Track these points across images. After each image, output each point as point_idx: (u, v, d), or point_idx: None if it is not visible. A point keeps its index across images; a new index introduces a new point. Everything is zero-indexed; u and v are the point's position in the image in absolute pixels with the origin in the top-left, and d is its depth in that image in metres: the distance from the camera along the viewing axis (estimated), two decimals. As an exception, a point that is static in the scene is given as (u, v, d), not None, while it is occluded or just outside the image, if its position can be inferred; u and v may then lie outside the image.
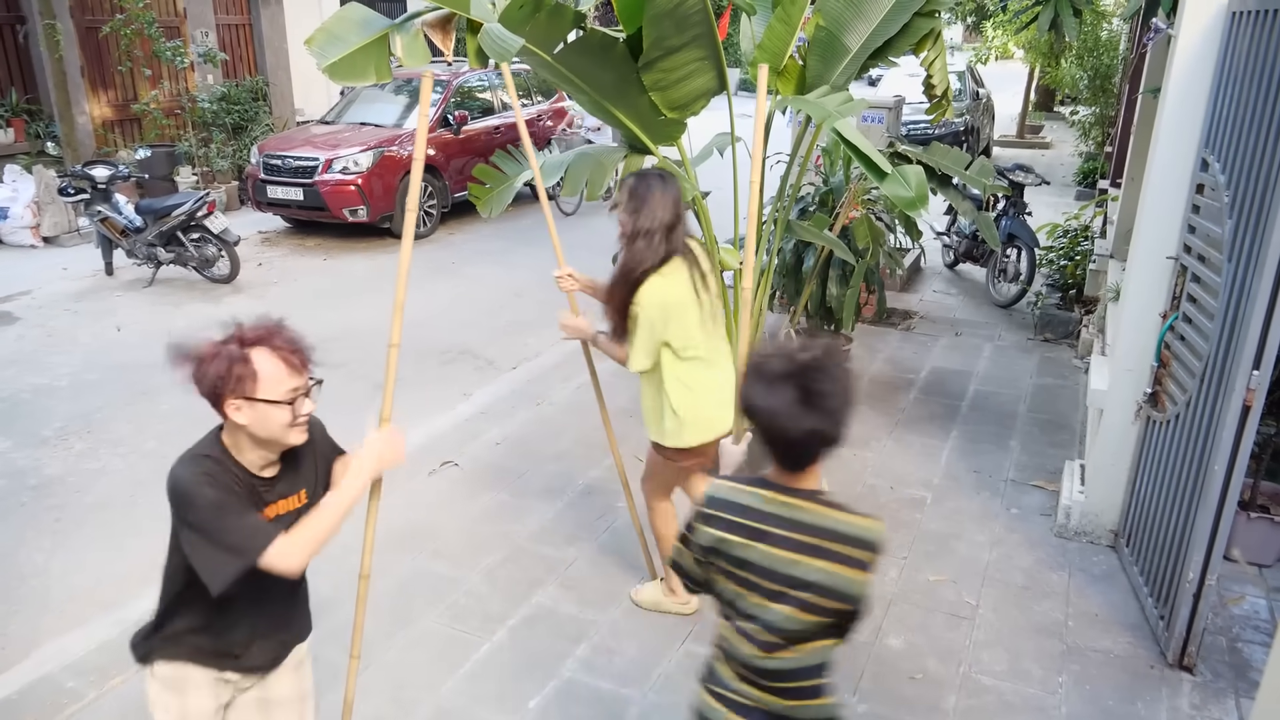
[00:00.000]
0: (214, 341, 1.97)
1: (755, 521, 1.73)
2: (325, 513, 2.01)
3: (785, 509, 1.72)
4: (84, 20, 10.28)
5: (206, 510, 1.92)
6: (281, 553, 1.92)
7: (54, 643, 3.34)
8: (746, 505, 1.76)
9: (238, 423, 1.93)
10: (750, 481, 1.80)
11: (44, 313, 7.12)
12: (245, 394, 1.90)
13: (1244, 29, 3.05)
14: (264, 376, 1.91)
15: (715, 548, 1.78)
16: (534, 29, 3.46)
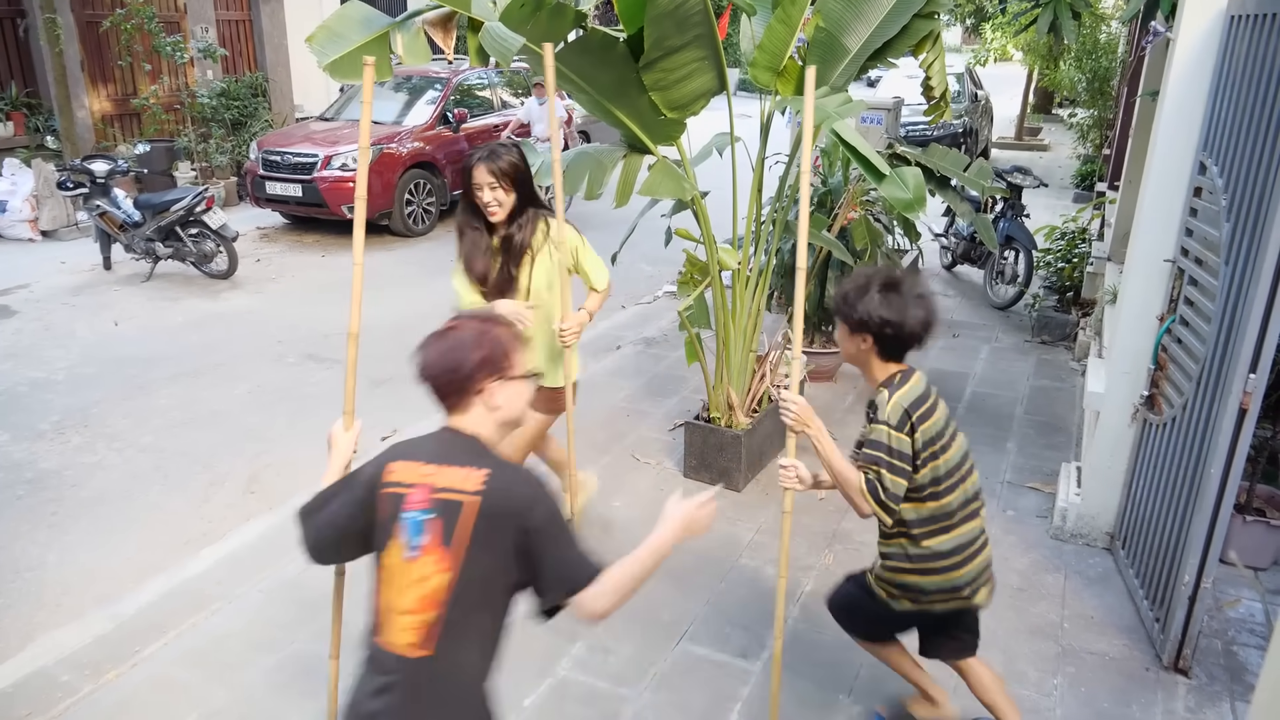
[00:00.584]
0: (456, 328, 1.82)
1: (929, 400, 2.41)
2: (639, 566, 1.79)
3: (926, 380, 2.45)
4: (84, 15, 10.27)
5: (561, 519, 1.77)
6: (599, 594, 1.76)
7: (49, 636, 3.34)
8: (921, 394, 2.40)
9: (493, 405, 1.79)
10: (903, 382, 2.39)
11: (42, 306, 7.11)
12: (506, 373, 1.79)
13: (1243, 32, 3.05)
14: (517, 354, 1.83)
15: (934, 435, 2.37)
16: (535, 28, 3.46)
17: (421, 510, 1.73)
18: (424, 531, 1.72)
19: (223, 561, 3.76)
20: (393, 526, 1.74)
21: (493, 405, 1.80)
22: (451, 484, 1.73)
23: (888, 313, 2.30)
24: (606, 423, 5.11)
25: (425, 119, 9.81)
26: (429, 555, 1.71)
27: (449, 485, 1.73)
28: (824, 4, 3.93)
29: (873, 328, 2.33)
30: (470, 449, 1.79)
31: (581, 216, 10.31)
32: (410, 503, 1.74)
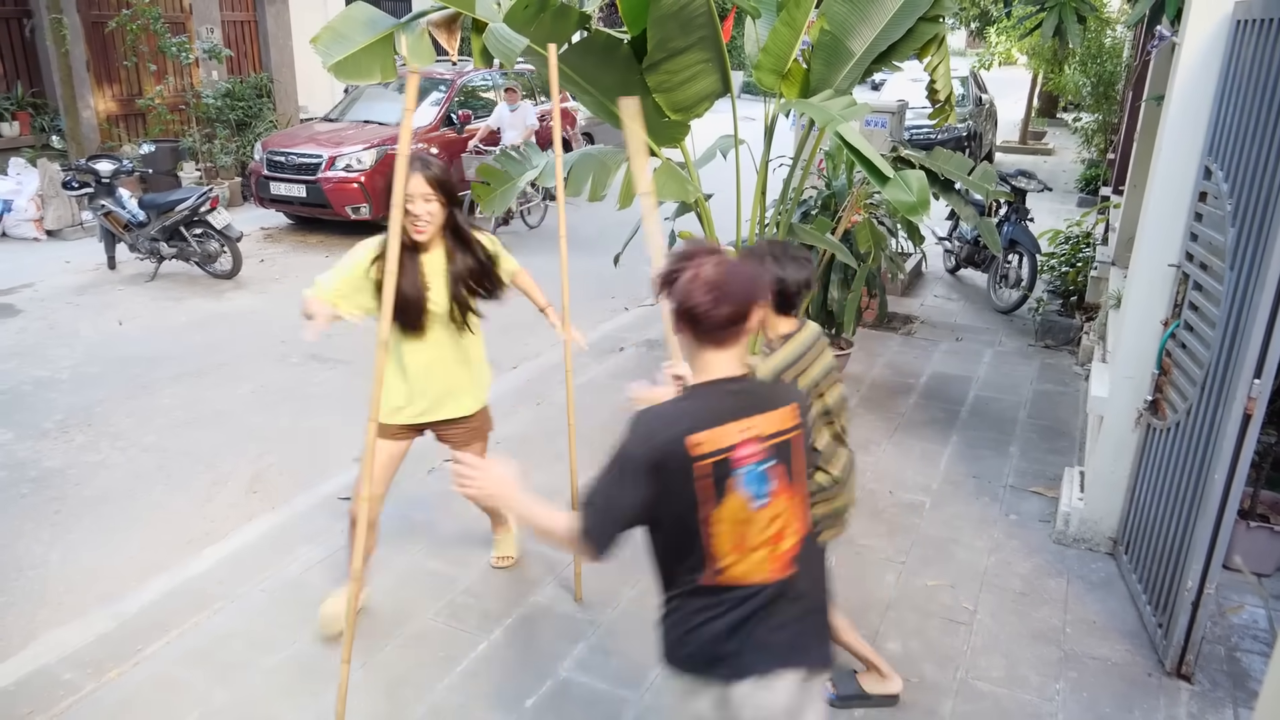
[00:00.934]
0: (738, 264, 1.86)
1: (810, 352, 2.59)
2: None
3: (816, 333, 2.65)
4: (90, 15, 10.30)
5: None
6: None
7: (51, 634, 3.34)
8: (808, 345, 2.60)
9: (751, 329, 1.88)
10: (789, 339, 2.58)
11: (46, 306, 7.13)
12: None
13: (1248, 37, 3.05)
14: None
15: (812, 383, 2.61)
16: (539, 29, 3.47)
17: (759, 461, 1.82)
18: (770, 479, 1.83)
19: (225, 561, 3.76)
20: (724, 486, 1.80)
21: (751, 329, 1.87)
22: (779, 428, 1.86)
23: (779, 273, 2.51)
24: (608, 425, 5.10)
25: (429, 120, 9.82)
26: (779, 497, 1.85)
27: (777, 429, 1.86)
28: (828, 7, 3.94)
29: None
30: (763, 389, 1.96)
31: (585, 217, 10.32)
32: (741, 459, 1.80)
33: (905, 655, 3.26)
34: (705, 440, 1.78)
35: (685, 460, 1.77)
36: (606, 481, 1.82)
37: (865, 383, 5.71)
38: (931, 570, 3.75)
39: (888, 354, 6.25)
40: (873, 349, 6.29)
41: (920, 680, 3.14)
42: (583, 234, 9.74)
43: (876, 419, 5.21)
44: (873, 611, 3.46)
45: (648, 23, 3.57)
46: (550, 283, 3.49)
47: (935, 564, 3.80)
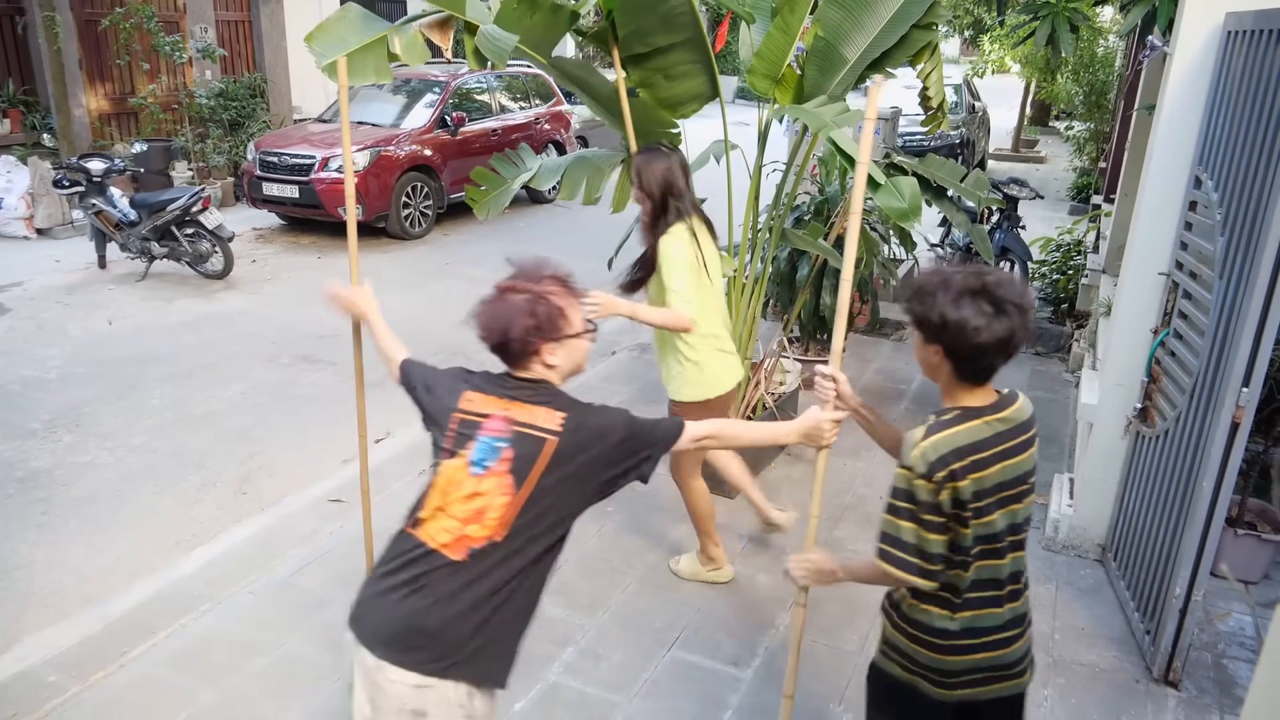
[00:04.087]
0: (505, 294, 1.93)
1: (994, 447, 1.90)
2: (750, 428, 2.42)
3: (1004, 424, 1.94)
4: (83, 13, 10.26)
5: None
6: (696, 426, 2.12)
7: (36, 636, 3.32)
8: (981, 439, 1.90)
9: (549, 365, 1.94)
10: (957, 421, 1.93)
11: (35, 304, 7.09)
12: (561, 334, 1.93)
13: (1239, 48, 3.07)
14: (570, 312, 1.95)
15: (972, 494, 1.87)
16: (530, 29, 3.47)
17: (497, 437, 1.88)
18: (496, 455, 1.86)
19: (213, 563, 3.74)
20: (464, 444, 1.89)
21: (549, 364, 1.95)
22: (531, 420, 1.89)
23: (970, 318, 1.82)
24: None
25: (423, 122, 9.81)
26: (493, 478, 1.85)
27: (528, 421, 1.89)
28: (823, 13, 3.95)
29: (939, 333, 1.88)
30: (547, 393, 1.95)
31: (577, 221, 10.30)
32: (487, 429, 1.89)
33: (894, 661, 3.26)
34: (474, 401, 1.94)
35: (451, 407, 1.95)
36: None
37: (857, 389, 5.68)
38: (921, 576, 3.76)
39: (879, 360, 6.26)
40: (864, 355, 6.30)
41: (909, 686, 3.14)
42: (576, 237, 9.74)
43: (868, 424, 5.22)
44: (863, 616, 3.47)
45: (615, 6, 3.55)
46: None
47: (925, 570, 3.80)
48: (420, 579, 1.84)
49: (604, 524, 4.11)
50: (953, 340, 1.87)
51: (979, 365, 1.91)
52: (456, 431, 1.91)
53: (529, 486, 1.85)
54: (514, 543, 1.85)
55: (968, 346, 1.85)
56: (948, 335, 1.87)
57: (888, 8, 3.93)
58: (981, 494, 1.88)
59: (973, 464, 1.87)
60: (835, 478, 4.54)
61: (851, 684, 3.14)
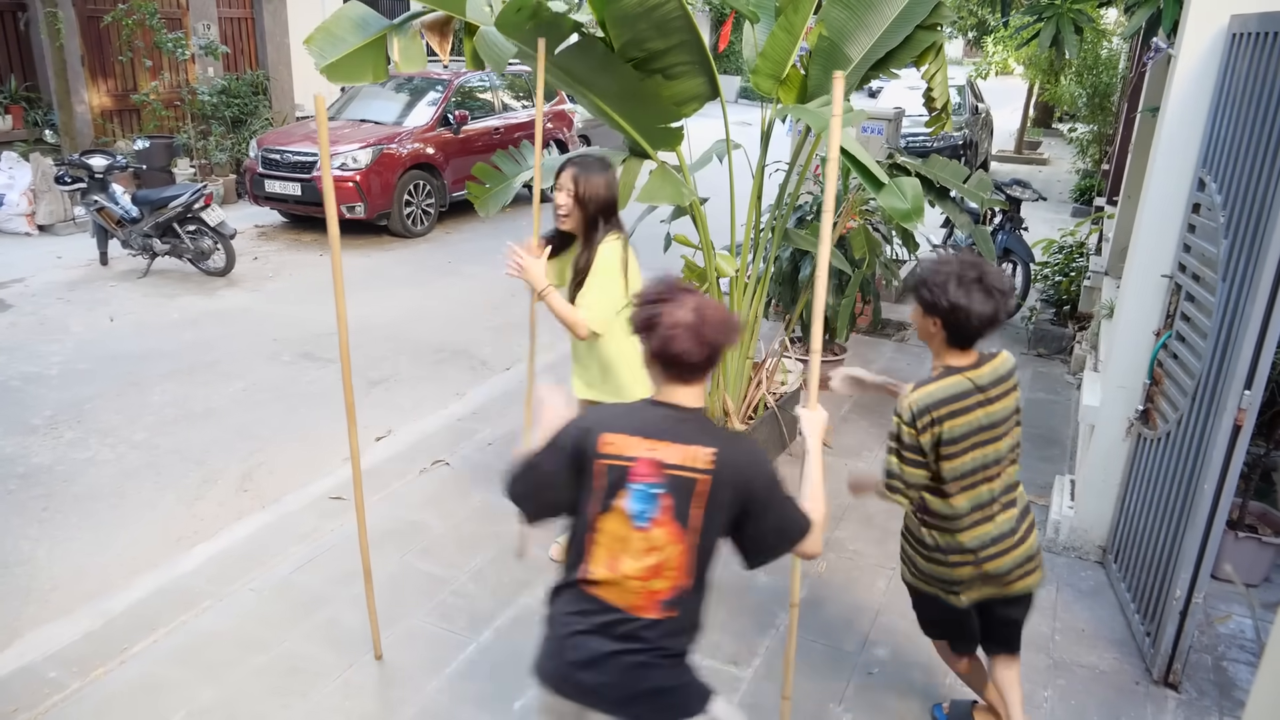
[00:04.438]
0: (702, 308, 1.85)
1: (972, 397, 2.38)
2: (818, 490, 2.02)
3: (985, 376, 2.40)
4: (86, 9, 10.27)
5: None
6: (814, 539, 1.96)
7: (37, 632, 3.32)
8: (961, 391, 2.38)
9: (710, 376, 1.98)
10: (941, 377, 2.40)
11: (37, 301, 7.09)
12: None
13: (1244, 51, 3.07)
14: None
15: (949, 438, 2.36)
16: (530, 34, 3.46)
17: (651, 484, 1.81)
18: (655, 505, 1.81)
19: (213, 560, 3.74)
20: (615, 495, 1.82)
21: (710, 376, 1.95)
22: (682, 461, 1.81)
23: (961, 299, 2.30)
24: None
25: (426, 120, 9.81)
26: (661, 529, 1.81)
27: (679, 462, 1.81)
28: (827, 13, 3.95)
29: (942, 311, 2.33)
30: (696, 424, 1.87)
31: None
32: (636, 475, 1.81)
33: (895, 661, 3.26)
34: (615, 443, 1.84)
35: (594, 454, 1.84)
36: (536, 455, 1.92)
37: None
38: (922, 577, 3.75)
39: (881, 360, 6.26)
40: (866, 355, 6.30)
41: (909, 687, 3.14)
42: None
43: (869, 425, 5.22)
44: (863, 617, 3.47)
45: (606, 20, 3.56)
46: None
47: (926, 571, 3.80)
48: (628, 640, 1.82)
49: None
50: (953, 318, 2.33)
51: (968, 336, 2.38)
52: (606, 481, 1.83)
53: (695, 529, 1.83)
54: (697, 579, 1.86)
55: (966, 323, 2.33)
56: (951, 314, 2.32)
57: (892, 8, 3.93)
58: (956, 439, 2.37)
59: (950, 413, 2.36)
60: (836, 477, 4.53)
61: (851, 684, 3.14)
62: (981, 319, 2.31)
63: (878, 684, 3.16)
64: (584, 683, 1.83)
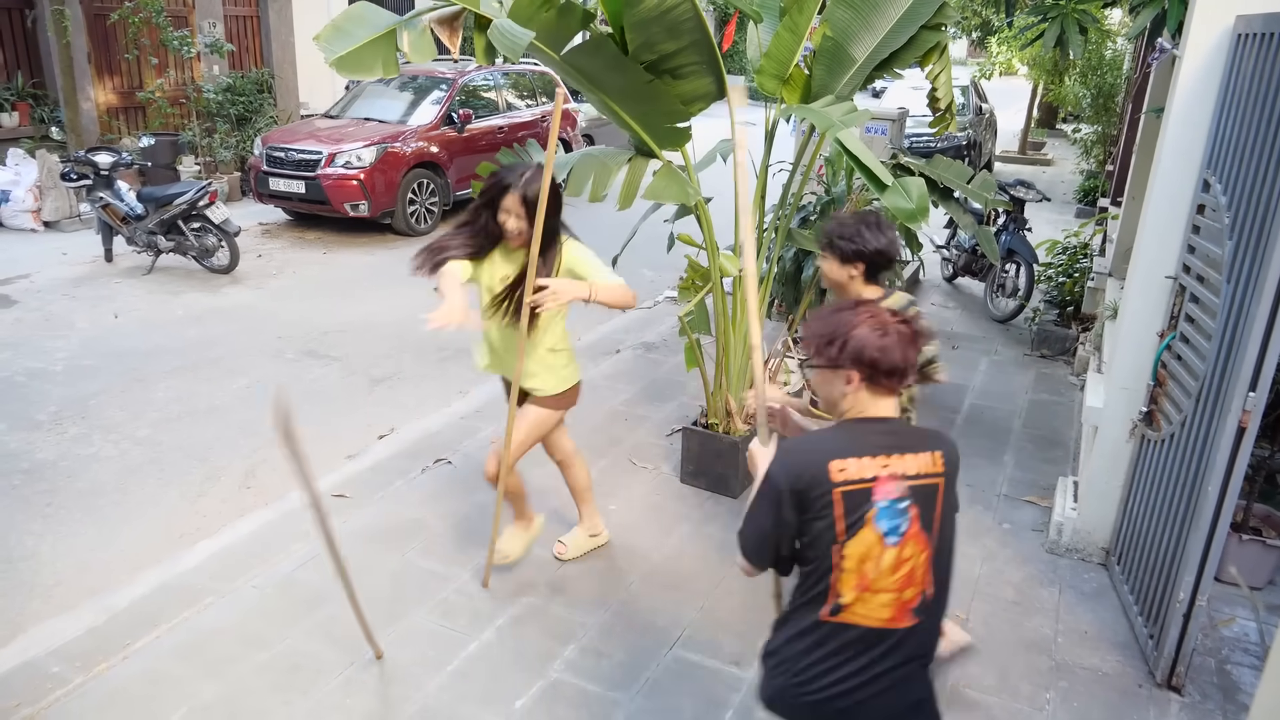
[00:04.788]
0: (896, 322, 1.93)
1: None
2: None
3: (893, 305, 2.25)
4: (92, 7, 10.29)
5: None
6: None
7: (40, 627, 3.33)
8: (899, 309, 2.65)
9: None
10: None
11: (42, 297, 7.11)
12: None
13: (1249, 51, 3.06)
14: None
15: None
16: (543, 26, 3.46)
17: (896, 500, 1.83)
18: (905, 518, 1.83)
19: (216, 556, 3.75)
20: (861, 518, 1.82)
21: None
22: (920, 470, 1.87)
23: (878, 243, 2.77)
24: (604, 426, 5.10)
25: (430, 119, 9.82)
26: (911, 540, 1.84)
27: (919, 472, 1.86)
28: (831, 13, 3.95)
29: (866, 255, 2.78)
30: (911, 432, 1.95)
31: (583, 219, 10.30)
32: (880, 493, 1.83)
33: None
34: (848, 468, 1.83)
35: (826, 486, 1.82)
36: (754, 507, 1.91)
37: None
38: (924, 577, 3.75)
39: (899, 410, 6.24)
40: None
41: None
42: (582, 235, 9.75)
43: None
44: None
45: (625, 25, 3.57)
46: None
47: (928, 571, 3.79)
48: (889, 655, 1.86)
49: (605, 523, 4.11)
50: (875, 257, 2.79)
51: (880, 270, 2.83)
52: (846, 507, 1.82)
53: (937, 532, 1.87)
54: (939, 582, 1.90)
55: (881, 259, 2.79)
56: (875, 255, 2.78)
57: (896, 8, 3.92)
58: None
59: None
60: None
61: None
62: (892, 253, 2.82)
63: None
64: (851, 713, 1.86)
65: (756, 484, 1.98)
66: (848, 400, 1.94)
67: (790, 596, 1.98)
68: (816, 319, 2.00)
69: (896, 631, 1.85)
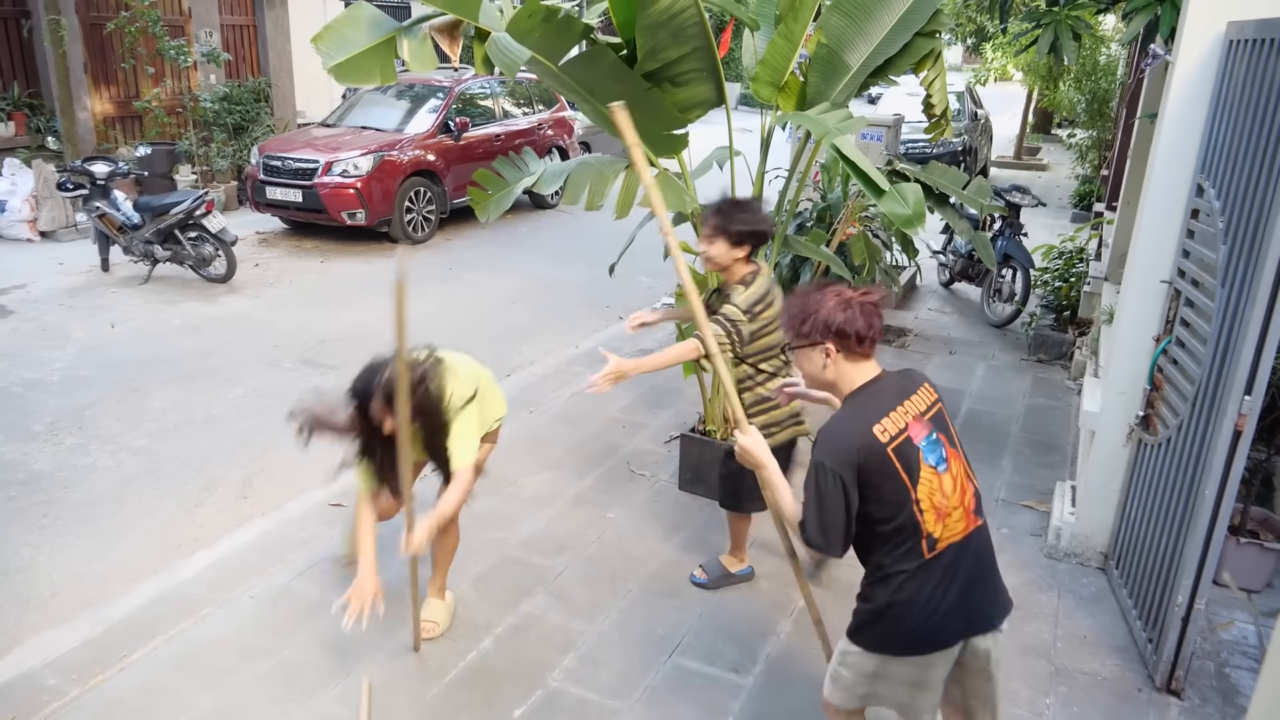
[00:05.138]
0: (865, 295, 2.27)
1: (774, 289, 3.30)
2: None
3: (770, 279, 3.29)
4: (89, 16, 10.30)
5: None
6: None
7: (37, 639, 3.32)
8: (769, 287, 3.27)
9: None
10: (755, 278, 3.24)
11: (38, 307, 7.10)
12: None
13: (1241, 57, 3.07)
14: None
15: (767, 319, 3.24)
16: (542, 39, 3.47)
17: (929, 434, 2.16)
18: (940, 446, 2.17)
19: (214, 566, 3.74)
20: (914, 462, 2.11)
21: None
22: (926, 403, 2.23)
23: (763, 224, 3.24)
24: (602, 433, 5.10)
25: (427, 127, 9.83)
26: (952, 459, 2.18)
27: (927, 405, 2.23)
28: (826, 21, 3.96)
29: (758, 235, 3.23)
30: (899, 375, 2.30)
31: (580, 227, 10.30)
32: (914, 436, 2.14)
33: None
34: (886, 428, 2.12)
35: (880, 449, 2.08)
36: (816, 500, 2.10)
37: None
38: (923, 583, 3.75)
39: (881, 366, 6.25)
40: (866, 361, 6.30)
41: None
42: (578, 243, 9.76)
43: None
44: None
45: (636, 30, 3.58)
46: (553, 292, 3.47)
47: (926, 577, 3.79)
48: (979, 560, 2.21)
49: (604, 530, 4.11)
50: (761, 239, 3.24)
51: (759, 244, 3.27)
52: (902, 462, 2.10)
53: (958, 442, 2.25)
54: (974, 479, 2.25)
55: (765, 235, 3.26)
56: (766, 235, 3.25)
57: (891, 15, 3.94)
58: (770, 320, 3.20)
59: (768, 304, 3.21)
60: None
61: (852, 691, 3.13)
62: (771, 230, 3.34)
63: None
64: (975, 616, 2.21)
65: (771, 476, 2.27)
66: (830, 372, 2.23)
67: (878, 556, 2.18)
68: (788, 307, 2.29)
69: (972, 534, 2.19)
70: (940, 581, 2.14)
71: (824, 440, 2.11)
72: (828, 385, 2.26)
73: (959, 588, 2.15)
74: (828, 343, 2.18)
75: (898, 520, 2.10)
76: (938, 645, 2.18)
